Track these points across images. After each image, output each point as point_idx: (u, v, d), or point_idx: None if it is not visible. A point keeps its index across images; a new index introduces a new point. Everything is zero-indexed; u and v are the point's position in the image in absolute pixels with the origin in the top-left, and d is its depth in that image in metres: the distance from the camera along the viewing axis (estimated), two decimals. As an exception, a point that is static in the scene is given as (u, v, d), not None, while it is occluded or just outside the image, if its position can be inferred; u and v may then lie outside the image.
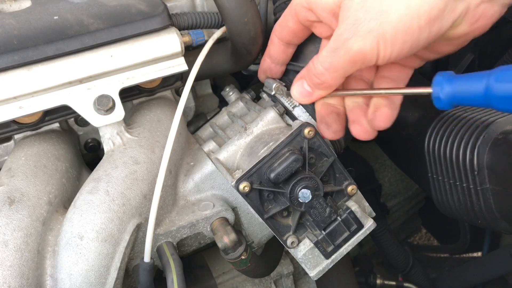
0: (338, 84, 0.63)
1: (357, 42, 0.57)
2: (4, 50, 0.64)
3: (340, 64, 0.59)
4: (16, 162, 0.71)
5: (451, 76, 0.55)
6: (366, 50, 0.56)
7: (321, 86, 0.64)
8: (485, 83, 0.51)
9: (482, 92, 0.51)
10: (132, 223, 0.68)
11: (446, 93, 0.55)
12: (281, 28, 0.72)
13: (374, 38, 0.56)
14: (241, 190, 0.64)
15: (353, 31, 0.57)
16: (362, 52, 0.57)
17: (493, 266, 1.31)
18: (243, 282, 0.94)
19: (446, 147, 0.85)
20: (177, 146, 0.75)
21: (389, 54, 0.57)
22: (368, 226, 0.70)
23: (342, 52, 0.58)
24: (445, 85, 0.55)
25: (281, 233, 0.68)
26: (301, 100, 0.68)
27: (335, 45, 0.59)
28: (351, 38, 0.57)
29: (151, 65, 0.71)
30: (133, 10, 0.70)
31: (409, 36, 0.55)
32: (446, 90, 0.55)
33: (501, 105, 0.51)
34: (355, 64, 0.59)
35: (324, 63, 0.61)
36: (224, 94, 0.89)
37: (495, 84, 0.50)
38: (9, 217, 0.65)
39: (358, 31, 0.56)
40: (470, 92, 0.53)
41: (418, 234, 2.09)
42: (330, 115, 0.68)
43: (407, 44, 0.56)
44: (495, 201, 0.79)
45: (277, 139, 0.66)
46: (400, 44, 0.56)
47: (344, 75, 0.61)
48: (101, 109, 0.69)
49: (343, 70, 0.60)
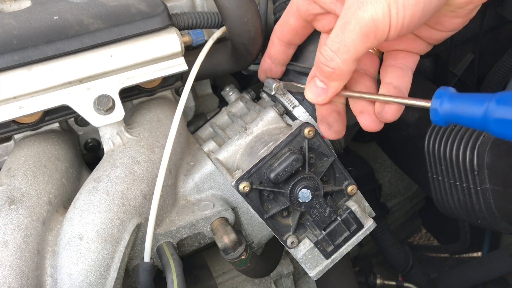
0: (351, 70, 0.60)
1: (368, 10, 0.54)
2: (4, 50, 0.64)
3: (351, 40, 0.56)
4: (16, 162, 0.71)
5: (452, 94, 0.54)
6: (378, 17, 0.53)
7: (333, 75, 0.60)
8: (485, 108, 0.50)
9: (481, 117, 0.51)
10: (132, 223, 0.68)
11: (445, 110, 0.54)
12: (282, 27, 0.71)
13: (385, 2, 0.53)
14: (241, 190, 0.64)
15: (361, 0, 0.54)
16: (374, 20, 0.54)
17: (493, 266, 1.31)
18: (243, 282, 0.94)
19: (446, 147, 0.85)
20: (177, 146, 0.75)
21: (402, 19, 0.54)
22: (368, 226, 0.70)
23: (352, 25, 0.55)
24: (445, 102, 0.54)
25: (281, 233, 0.68)
26: (317, 100, 0.64)
27: (343, 21, 0.56)
28: (361, 7, 0.54)
29: (151, 65, 0.71)
30: (133, 10, 0.70)
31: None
32: (445, 107, 0.54)
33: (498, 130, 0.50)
34: (367, 38, 0.55)
35: (333, 45, 0.58)
36: (224, 94, 0.89)
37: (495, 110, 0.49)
38: (9, 217, 0.65)
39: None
40: (469, 113, 0.52)
41: (418, 234, 2.09)
42: (331, 115, 0.67)
43: (420, 6, 0.53)
44: (495, 201, 0.79)
45: (277, 139, 0.66)
46: (412, 7, 0.53)
47: (357, 56, 0.58)
48: (101, 109, 0.69)
49: (355, 49, 0.57)
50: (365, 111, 0.65)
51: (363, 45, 0.56)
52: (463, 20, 0.61)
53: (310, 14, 0.67)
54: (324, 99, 0.63)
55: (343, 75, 0.60)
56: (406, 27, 0.55)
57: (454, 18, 0.60)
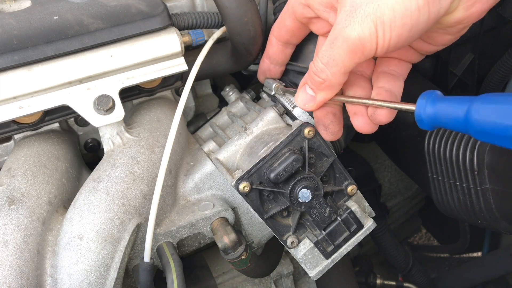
0: (340, 82, 0.61)
1: (355, 29, 0.55)
2: (4, 50, 0.64)
3: (339, 56, 0.57)
4: (16, 162, 0.71)
5: (435, 97, 0.54)
6: (365, 36, 0.54)
7: (322, 85, 0.62)
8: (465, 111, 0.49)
9: (462, 121, 0.49)
10: (132, 223, 0.68)
11: (428, 114, 0.53)
12: (279, 27, 0.72)
13: (372, 23, 0.54)
14: (241, 190, 0.64)
15: (350, 18, 0.55)
16: (360, 39, 0.55)
17: (493, 266, 1.31)
18: (243, 282, 0.94)
19: (446, 147, 0.85)
20: (177, 146, 0.75)
21: (388, 40, 0.55)
22: (368, 226, 0.70)
23: (340, 42, 0.56)
24: (428, 105, 0.53)
25: (281, 233, 0.68)
26: (306, 107, 0.65)
27: (332, 36, 0.57)
28: (348, 25, 0.55)
29: (151, 65, 0.71)
30: (133, 10, 0.70)
31: (408, 18, 0.53)
32: (429, 111, 0.53)
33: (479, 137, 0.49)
34: (355, 54, 0.57)
35: (323, 57, 0.59)
36: (224, 94, 0.89)
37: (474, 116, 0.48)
38: (9, 217, 0.65)
39: (355, 17, 0.55)
40: (451, 118, 0.51)
41: (418, 234, 2.08)
42: (327, 117, 0.67)
43: (406, 27, 0.54)
44: (495, 201, 0.79)
45: (277, 139, 0.66)
46: (399, 28, 0.54)
47: (345, 70, 0.59)
48: (101, 109, 0.69)
49: (343, 63, 0.58)
50: (359, 112, 0.66)
51: (350, 61, 0.58)
52: (453, 37, 0.62)
53: (304, 18, 0.67)
54: (312, 106, 0.65)
55: (332, 86, 0.62)
56: (393, 46, 0.56)
57: (444, 35, 0.61)
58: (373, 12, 0.53)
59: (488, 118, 0.47)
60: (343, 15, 0.56)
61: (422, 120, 0.54)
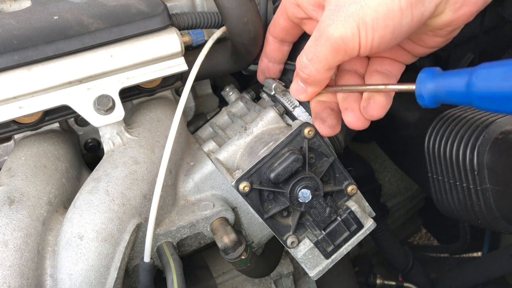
0: (325, 78, 0.61)
1: (338, 28, 0.55)
2: (4, 50, 0.64)
3: (323, 54, 0.57)
4: (16, 162, 0.71)
5: (434, 72, 0.54)
6: (347, 36, 0.55)
7: (308, 80, 0.62)
8: (466, 81, 0.49)
9: (464, 90, 0.50)
10: (132, 223, 0.68)
11: (429, 90, 0.53)
12: (274, 26, 0.72)
13: (354, 23, 0.54)
14: (241, 190, 0.64)
15: (333, 17, 0.55)
16: (342, 39, 0.55)
17: (493, 266, 1.31)
18: (243, 282, 0.94)
19: (446, 147, 0.85)
20: (177, 146, 0.75)
21: (371, 40, 0.55)
22: (368, 226, 0.70)
23: (323, 40, 0.56)
24: (428, 82, 0.53)
25: (281, 233, 0.68)
26: (298, 97, 0.66)
27: (316, 34, 0.58)
28: (332, 24, 0.55)
29: (151, 65, 0.71)
30: (133, 10, 0.70)
31: (390, 20, 0.53)
32: (429, 87, 0.53)
33: (481, 104, 0.49)
34: (337, 53, 0.57)
35: (308, 54, 0.59)
36: (224, 94, 0.89)
37: (475, 82, 0.48)
38: (9, 217, 0.65)
39: (339, 16, 0.55)
40: (452, 90, 0.50)
41: (418, 234, 2.08)
42: (324, 111, 0.67)
43: (389, 29, 0.54)
44: (495, 201, 0.79)
45: (277, 139, 0.66)
46: (381, 29, 0.54)
47: (329, 67, 0.59)
48: (101, 109, 0.69)
49: (326, 61, 0.58)
50: (350, 108, 0.65)
51: (334, 59, 0.58)
52: (443, 39, 0.62)
53: (296, 17, 0.67)
54: (305, 97, 0.66)
55: (317, 82, 0.62)
56: (376, 47, 0.56)
57: (434, 37, 0.61)
58: (356, 13, 0.54)
59: (489, 81, 0.47)
60: (327, 13, 0.57)
61: (423, 97, 0.54)
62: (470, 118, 0.84)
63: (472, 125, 0.82)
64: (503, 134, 0.78)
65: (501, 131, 0.79)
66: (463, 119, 0.85)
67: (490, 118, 0.81)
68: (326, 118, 0.67)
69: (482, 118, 0.82)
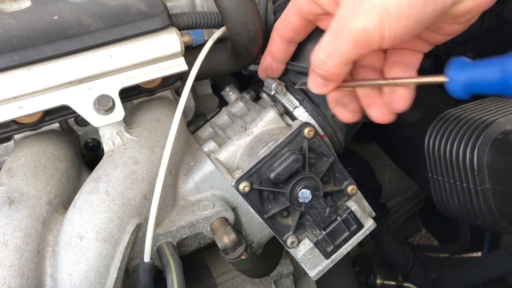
0: (344, 73, 0.60)
1: (360, 21, 0.54)
2: (4, 50, 0.64)
3: (344, 48, 0.56)
4: (16, 162, 0.71)
5: (465, 62, 0.52)
6: (370, 28, 0.54)
7: (326, 76, 0.60)
8: (500, 69, 0.47)
9: (498, 79, 0.48)
10: (132, 223, 0.68)
11: (461, 81, 0.51)
12: (283, 25, 0.71)
13: (377, 14, 0.53)
14: (241, 190, 0.64)
15: (355, 9, 0.54)
16: (365, 31, 0.54)
17: (493, 266, 1.31)
18: (243, 282, 0.94)
19: (446, 147, 0.85)
20: (177, 146, 0.75)
21: (394, 31, 0.54)
22: (368, 226, 0.70)
23: (345, 33, 0.55)
24: (460, 72, 0.51)
25: (281, 233, 0.68)
26: (320, 91, 0.63)
27: (336, 27, 0.56)
28: (353, 17, 0.54)
29: (151, 65, 0.71)
30: (133, 10, 0.70)
31: (413, 10, 0.52)
32: (461, 78, 0.51)
33: None
34: (359, 47, 0.56)
35: (326, 49, 0.58)
36: (224, 94, 0.89)
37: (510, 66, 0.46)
38: (9, 217, 0.65)
39: (361, 9, 0.54)
40: (486, 79, 0.49)
41: (418, 234, 2.08)
42: (345, 97, 0.66)
43: (412, 19, 0.53)
44: (495, 201, 0.79)
45: (277, 139, 0.66)
46: (405, 19, 0.53)
47: (348, 61, 0.58)
48: (101, 109, 0.69)
49: (346, 55, 0.57)
50: (374, 103, 0.65)
51: (355, 53, 0.57)
52: (463, 26, 0.61)
53: (311, 14, 0.67)
54: (326, 91, 0.63)
55: (336, 77, 0.61)
56: (399, 38, 0.55)
57: (453, 24, 0.60)
58: (378, 4, 0.53)
59: None
60: (347, 6, 0.56)
61: (456, 89, 0.52)
62: (470, 118, 0.84)
63: (472, 125, 0.82)
64: (503, 134, 0.78)
65: (501, 131, 0.79)
66: (463, 119, 0.85)
67: (490, 118, 0.81)
68: (348, 103, 0.67)
69: (482, 118, 0.82)
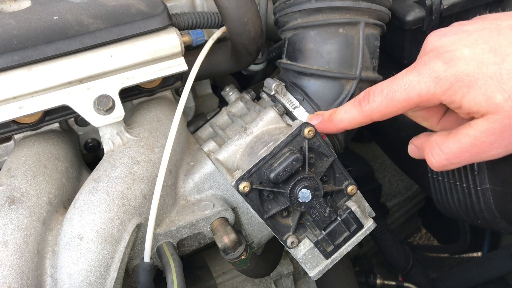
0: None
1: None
2: (4, 50, 0.64)
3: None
4: (16, 162, 0.71)
5: None
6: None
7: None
8: None
9: None
10: (132, 223, 0.68)
11: None
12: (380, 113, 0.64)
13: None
14: (241, 190, 0.64)
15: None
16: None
17: (493, 266, 1.31)
18: (243, 282, 0.94)
19: (446, 147, 0.85)
20: (177, 146, 0.75)
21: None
22: (368, 226, 0.70)
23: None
24: None
25: (281, 233, 0.68)
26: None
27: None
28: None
29: (151, 65, 0.71)
30: (133, 10, 0.70)
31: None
32: None
33: None
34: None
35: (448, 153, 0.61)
36: (224, 94, 0.89)
37: None
38: (9, 217, 0.65)
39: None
40: None
41: (418, 234, 2.09)
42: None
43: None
44: (495, 201, 0.79)
45: (277, 139, 0.66)
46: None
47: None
48: (101, 109, 0.69)
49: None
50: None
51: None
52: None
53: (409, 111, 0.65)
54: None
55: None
56: None
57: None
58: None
59: None
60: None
61: None
62: (470, 118, 0.84)
63: (472, 125, 0.82)
64: (503, 134, 0.78)
65: (501, 131, 0.78)
66: (463, 119, 0.85)
67: (490, 118, 0.81)
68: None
69: (482, 118, 0.82)
